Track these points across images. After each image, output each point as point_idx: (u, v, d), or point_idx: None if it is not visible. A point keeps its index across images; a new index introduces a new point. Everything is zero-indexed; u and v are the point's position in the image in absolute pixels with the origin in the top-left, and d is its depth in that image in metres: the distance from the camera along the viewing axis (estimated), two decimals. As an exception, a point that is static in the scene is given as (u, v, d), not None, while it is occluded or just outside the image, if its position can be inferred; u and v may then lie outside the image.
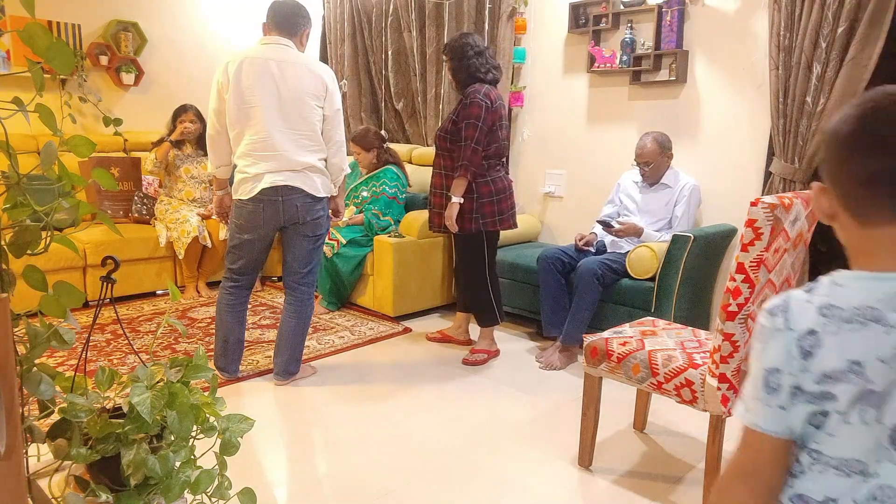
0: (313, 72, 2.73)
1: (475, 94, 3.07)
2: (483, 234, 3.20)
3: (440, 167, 3.22)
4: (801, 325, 0.82)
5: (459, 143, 3.07)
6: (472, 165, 3.06)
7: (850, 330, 0.79)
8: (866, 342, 0.78)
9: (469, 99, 3.07)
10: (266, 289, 4.56)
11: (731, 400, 1.94)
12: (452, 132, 3.12)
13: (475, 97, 3.06)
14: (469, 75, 3.15)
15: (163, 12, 4.96)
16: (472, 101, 3.05)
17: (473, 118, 3.04)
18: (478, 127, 3.04)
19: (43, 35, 0.96)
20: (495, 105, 3.11)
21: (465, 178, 3.08)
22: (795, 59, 2.98)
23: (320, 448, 2.46)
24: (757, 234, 1.80)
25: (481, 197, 3.14)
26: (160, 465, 1.15)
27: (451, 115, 3.17)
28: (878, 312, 0.78)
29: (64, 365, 3.04)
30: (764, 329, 0.87)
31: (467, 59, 3.14)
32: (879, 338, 0.78)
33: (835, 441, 0.82)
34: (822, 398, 0.81)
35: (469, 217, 3.14)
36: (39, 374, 1.09)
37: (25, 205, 1.04)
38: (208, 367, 1.30)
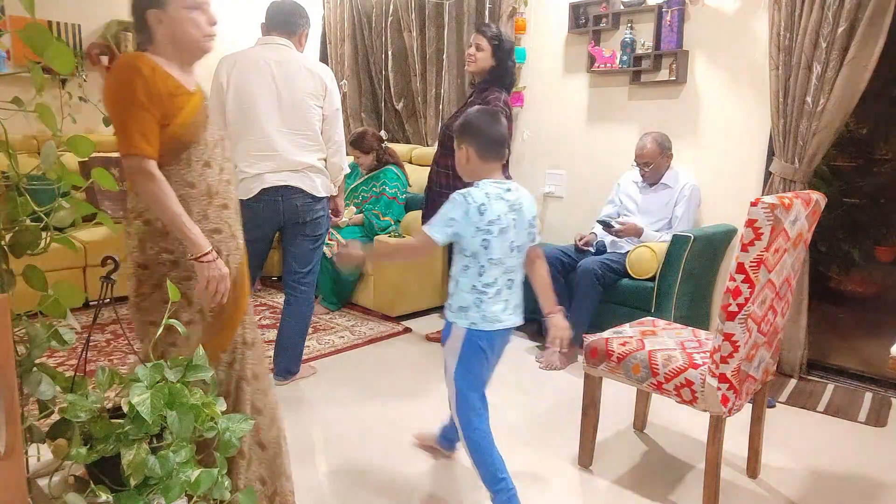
0: (312, 72, 2.73)
1: (496, 101, 3.04)
2: None
3: (446, 167, 3.18)
4: (477, 200, 1.86)
5: None
6: None
7: (493, 201, 1.87)
8: (499, 207, 1.87)
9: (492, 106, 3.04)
10: (266, 289, 4.56)
11: (731, 400, 1.94)
12: None
13: (496, 104, 3.04)
14: (506, 73, 3.12)
15: (163, 12, 4.96)
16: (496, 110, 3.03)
17: None
18: None
19: (43, 35, 0.96)
20: (511, 112, 3.13)
21: None
22: (795, 59, 2.98)
23: (320, 448, 2.46)
24: (757, 234, 1.80)
25: None
26: (160, 465, 1.15)
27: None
28: (499, 194, 1.89)
29: (64, 365, 3.04)
30: (455, 200, 1.88)
31: (511, 60, 3.13)
32: (501, 204, 1.88)
33: (493, 250, 1.88)
34: (488, 231, 1.87)
35: None
36: (39, 374, 1.09)
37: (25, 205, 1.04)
38: (208, 367, 1.30)
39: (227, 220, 1.70)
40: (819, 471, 2.34)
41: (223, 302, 1.66)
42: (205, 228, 1.62)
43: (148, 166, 1.55)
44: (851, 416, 2.78)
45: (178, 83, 1.61)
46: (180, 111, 1.59)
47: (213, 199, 1.66)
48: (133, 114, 1.54)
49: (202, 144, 1.64)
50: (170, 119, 1.58)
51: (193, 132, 1.62)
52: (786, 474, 2.31)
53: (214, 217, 1.67)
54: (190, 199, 1.61)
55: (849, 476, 2.32)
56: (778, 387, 3.03)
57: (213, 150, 1.67)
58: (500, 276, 1.91)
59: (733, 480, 2.26)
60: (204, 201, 1.64)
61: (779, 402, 2.90)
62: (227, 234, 1.71)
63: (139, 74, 1.54)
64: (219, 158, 1.68)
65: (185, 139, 1.60)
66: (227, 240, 1.70)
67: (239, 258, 1.76)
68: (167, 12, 1.60)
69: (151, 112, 1.55)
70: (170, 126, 1.58)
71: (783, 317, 2.18)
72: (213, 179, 1.66)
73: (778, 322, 2.14)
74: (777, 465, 2.36)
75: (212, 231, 1.65)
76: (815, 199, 2.06)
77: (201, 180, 1.63)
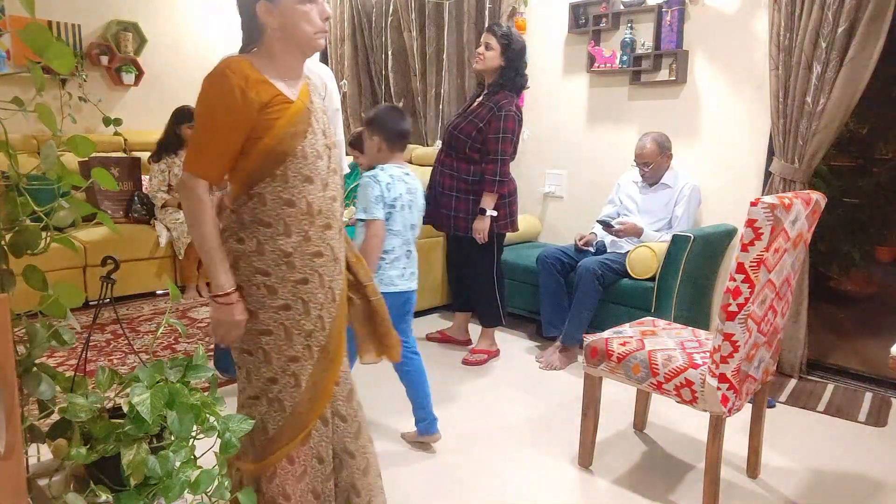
0: (312, 71, 2.73)
1: (509, 105, 3.04)
2: (494, 236, 3.19)
3: (453, 169, 3.17)
4: (384, 181, 2.26)
5: (489, 155, 3.06)
6: (505, 180, 3.07)
7: (396, 182, 2.29)
8: (400, 187, 2.29)
9: (503, 111, 3.03)
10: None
11: (731, 400, 1.94)
12: (478, 140, 3.08)
13: (510, 110, 3.03)
14: (517, 75, 3.11)
15: (163, 12, 4.96)
16: (507, 113, 3.03)
17: (510, 133, 3.04)
18: (513, 142, 3.06)
19: (43, 35, 0.96)
20: (521, 116, 3.13)
21: (499, 193, 3.08)
22: (795, 59, 2.98)
23: (320, 448, 2.46)
24: (757, 234, 1.80)
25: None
26: (160, 465, 1.15)
27: (473, 119, 3.11)
28: (401, 177, 2.31)
29: (64, 365, 3.04)
30: (369, 183, 2.25)
31: (522, 62, 3.12)
32: (402, 185, 2.30)
33: (394, 222, 2.29)
34: (392, 206, 2.28)
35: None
36: (39, 374, 1.09)
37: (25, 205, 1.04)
38: (208, 367, 1.30)
39: (329, 242, 1.53)
40: (819, 471, 2.34)
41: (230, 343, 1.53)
42: (306, 251, 1.49)
43: (194, 184, 1.44)
44: (851, 416, 2.78)
45: (276, 91, 1.46)
46: (274, 123, 1.44)
47: (314, 218, 1.49)
48: (206, 130, 1.44)
49: (301, 157, 1.47)
50: (262, 132, 1.43)
51: (289, 144, 1.46)
52: (786, 474, 2.31)
53: (316, 238, 1.50)
54: (288, 219, 1.46)
55: (849, 476, 2.32)
56: (778, 387, 3.03)
57: (314, 163, 1.49)
58: (398, 246, 2.34)
59: (733, 480, 2.26)
60: (305, 221, 1.48)
61: (779, 402, 2.90)
62: (330, 257, 1.54)
63: (227, 86, 1.40)
64: (322, 172, 1.51)
65: (280, 151, 1.45)
66: (328, 264, 1.54)
67: (342, 282, 1.60)
68: (277, 5, 1.45)
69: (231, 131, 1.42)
70: (263, 139, 1.43)
71: (783, 317, 2.18)
72: (315, 196, 1.49)
73: (778, 322, 2.14)
74: (777, 465, 2.36)
75: (313, 255, 1.50)
76: (815, 199, 2.06)
77: (301, 197, 1.47)
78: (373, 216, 2.24)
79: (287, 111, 1.46)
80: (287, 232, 1.46)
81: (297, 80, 1.54)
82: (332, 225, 1.54)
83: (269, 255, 1.47)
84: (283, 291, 1.48)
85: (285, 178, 1.46)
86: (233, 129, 1.42)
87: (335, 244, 1.56)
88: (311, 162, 1.49)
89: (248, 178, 1.46)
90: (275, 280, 1.48)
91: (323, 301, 1.54)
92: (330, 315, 1.56)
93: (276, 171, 1.45)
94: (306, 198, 1.48)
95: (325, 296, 1.54)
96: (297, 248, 1.48)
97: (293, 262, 1.48)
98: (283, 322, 1.50)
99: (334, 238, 1.56)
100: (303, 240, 1.48)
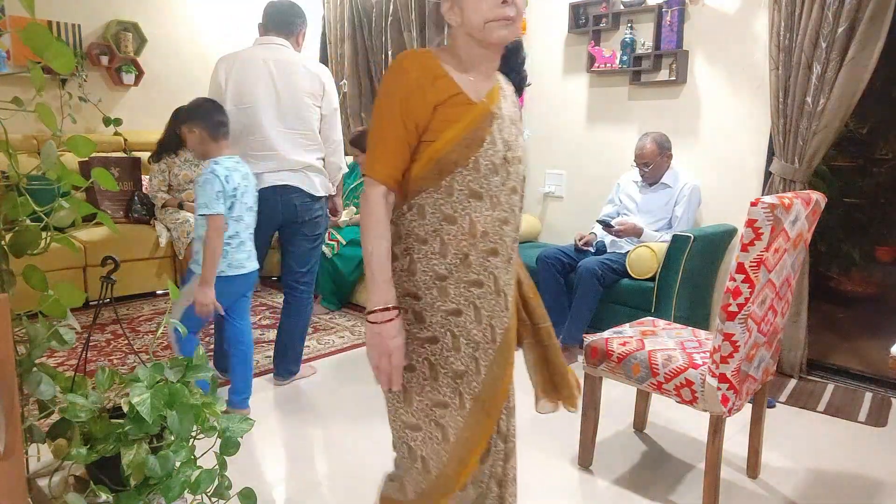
0: (310, 71, 2.73)
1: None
2: None
3: None
4: (222, 174, 2.34)
5: None
6: None
7: (233, 173, 2.38)
8: (237, 177, 2.40)
9: None
10: (266, 289, 4.56)
11: (731, 400, 1.94)
12: None
13: None
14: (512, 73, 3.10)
15: (163, 12, 4.96)
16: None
17: None
18: None
19: (43, 35, 0.96)
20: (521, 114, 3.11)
21: None
22: (795, 59, 2.98)
23: (320, 448, 2.46)
24: (757, 234, 1.80)
25: None
26: (160, 465, 1.15)
27: None
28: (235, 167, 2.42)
29: (64, 365, 3.04)
30: (208, 178, 2.32)
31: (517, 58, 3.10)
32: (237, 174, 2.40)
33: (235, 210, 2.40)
34: (233, 196, 2.37)
35: None
36: (39, 374, 1.09)
37: (25, 205, 1.04)
38: (208, 367, 1.30)
39: (492, 272, 1.31)
40: (819, 471, 2.34)
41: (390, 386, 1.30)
42: (462, 278, 1.28)
43: (368, 188, 1.29)
44: (851, 416, 2.78)
45: (456, 89, 1.27)
46: (450, 126, 1.25)
47: (477, 240, 1.28)
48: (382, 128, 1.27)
49: (472, 169, 1.27)
50: (434, 134, 1.25)
51: (461, 153, 1.26)
52: (786, 474, 2.31)
53: (477, 264, 1.29)
54: (446, 236, 1.27)
55: (849, 476, 2.32)
56: (778, 387, 3.03)
57: (486, 178, 1.28)
58: (242, 230, 2.47)
59: (733, 480, 2.26)
60: (465, 242, 1.27)
61: (779, 402, 2.90)
62: (491, 289, 1.31)
63: (404, 79, 1.25)
64: (494, 189, 1.29)
65: (450, 160, 1.25)
66: (488, 296, 1.31)
67: (506, 321, 1.36)
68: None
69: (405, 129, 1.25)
70: (434, 143, 1.25)
71: (783, 317, 2.18)
72: (482, 215, 1.28)
73: (778, 322, 2.14)
74: (777, 465, 2.36)
75: (470, 283, 1.29)
76: (815, 199, 2.06)
77: (464, 214, 1.27)
78: (214, 211, 2.32)
79: (466, 114, 1.27)
80: (443, 252, 1.27)
81: (486, 81, 1.33)
82: (498, 251, 1.31)
83: (420, 276, 1.29)
84: (431, 320, 1.29)
85: (450, 190, 1.26)
86: (406, 126, 1.25)
87: (500, 274, 1.32)
88: (483, 176, 1.28)
89: (410, 186, 1.29)
90: (424, 306, 1.29)
91: (479, 340, 1.31)
92: (487, 358, 1.32)
93: (442, 181, 1.26)
94: (470, 216, 1.27)
95: (483, 334, 1.31)
96: (454, 272, 1.28)
97: (447, 289, 1.28)
98: (428, 357, 1.30)
99: (500, 267, 1.32)
100: (461, 263, 1.28)
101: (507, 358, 1.38)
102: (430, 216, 1.27)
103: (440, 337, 1.29)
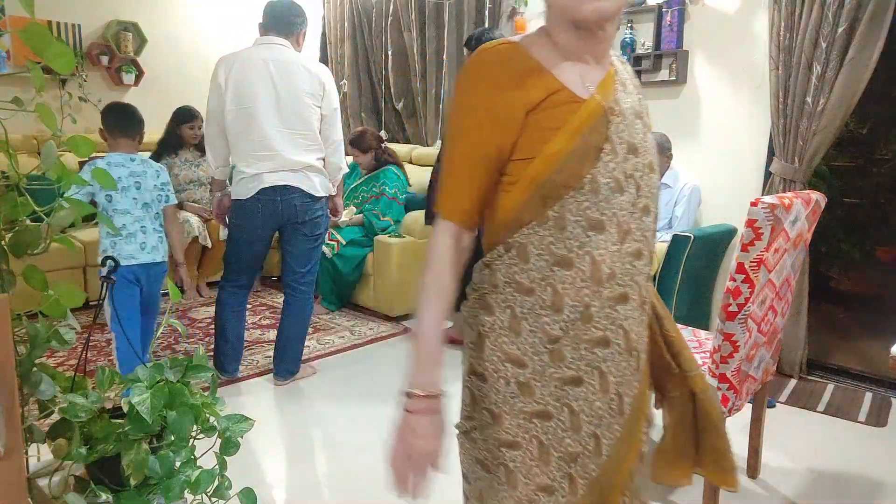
0: (310, 71, 2.73)
1: None
2: None
3: None
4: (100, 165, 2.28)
5: None
6: None
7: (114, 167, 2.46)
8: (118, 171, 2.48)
9: None
10: (266, 289, 4.56)
11: (731, 400, 1.94)
12: None
13: None
14: None
15: (163, 12, 4.96)
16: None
17: None
18: None
19: (43, 35, 0.96)
20: None
21: None
22: (795, 59, 2.98)
23: (320, 448, 2.46)
24: (757, 234, 1.80)
25: None
26: (160, 465, 1.15)
27: None
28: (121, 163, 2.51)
29: (64, 365, 3.04)
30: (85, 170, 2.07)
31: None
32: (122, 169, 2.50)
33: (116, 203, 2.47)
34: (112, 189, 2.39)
35: None
36: (39, 374, 1.09)
37: (25, 205, 1.04)
38: (208, 367, 1.30)
39: (622, 324, 1.00)
40: (819, 471, 2.34)
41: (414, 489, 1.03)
42: (582, 336, 0.98)
43: (437, 226, 1.01)
44: (851, 416, 2.78)
45: (556, 84, 0.95)
46: (552, 135, 0.94)
47: (602, 285, 0.97)
48: (455, 148, 0.99)
49: (589, 191, 0.95)
50: (531, 149, 0.95)
51: (572, 171, 0.95)
52: (786, 474, 2.31)
53: (602, 316, 0.98)
54: (559, 284, 0.96)
55: (849, 476, 2.32)
56: (778, 387, 3.03)
57: (609, 200, 0.96)
58: (129, 223, 2.52)
59: (733, 480, 2.26)
60: (585, 289, 0.97)
61: (779, 402, 2.90)
62: (620, 347, 1.01)
63: (482, 78, 0.96)
64: (621, 213, 0.97)
65: (558, 183, 0.94)
66: (618, 357, 1.01)
67: (636, 385, 1.06)
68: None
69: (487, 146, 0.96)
70: (532, 162, 0.95)
71: (783, 317, 2.18)
72: (607, 252, 0.96)
73: (778, 322, 2.14)
74: (777, 465, 2.36)
75: (593, 342, 0.98)
76: (815, 199, 2.06)
77: (583, 254, 0.96)
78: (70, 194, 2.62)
79: (572, 117, 0.95)
80: (556, 304, 0.96)
81: (597, 68, 1.00)
82: (628, 296, 0.99)
83: (526, 337, 0.99)
84: (542, 392, 0.99)
85: (560, 222, 0.95)
86: (487, 144, 0.95)
87: (631, 326, 1.01)
88: (605, 198, 0.96)
89: (505, 220, 0.99)
90: (532, 374, 0.99)
91: (603, 413, 1.02)
92: (611, 435, 1.03)
93: (550, 210, 0.95)
94: (591, 254, 0.96)
95: (608, 406, 1.02)
96: (570, 329, 0.97)
97: (562, 352, 0.98)
98: (537, 435, 1.01)
99: (631, 317, 1.01)
100: (580, 319, 0.97)
101: (636, 433, 1.09)
102: (535, 259, 0.97)
103: (554, 412, 1.00)
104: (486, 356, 1.02)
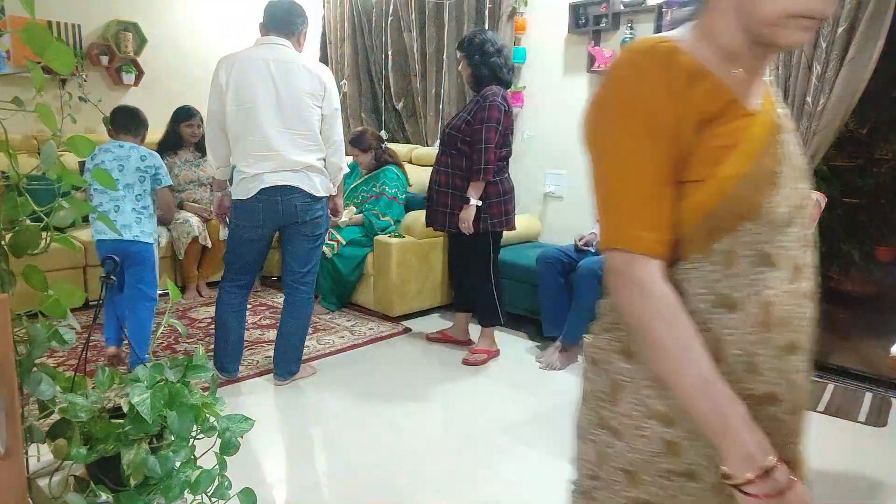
0: (311, 71, 2.73)
1: (494, 96, 3.05)
2: (489, 234, 3.20)
3: (448, 165, 3.19)
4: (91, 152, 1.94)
5: (475, 145, 3.07)
6: (491, 168, 3.07)
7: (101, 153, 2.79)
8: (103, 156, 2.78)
9: (488, 101, 3.04)
10: (266, 289, 4.56)
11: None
12: (467, 132, 3.10)
13: (494, 100, 3.04)
14: (492, 73, 3.13)
15: (163, 12, 4.96)
16: (492, 103, 3.04)
17: (494, 121, 3.03)
18: (497, 130, 3.05)
19: (43, 35, 0.96)
20: (510, 108, 3.13)
21: (483, 181, 3.08)
22: (795, 59, 2.98)
23: (320, 448, 2.46)
24: (757, 234, 1.80)
25: (489, 197, 3.14)
26: (160, 465, 1.15)
27: (464, 115, 3.15)
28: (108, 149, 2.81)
29: (64, 365, 3.04)
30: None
31: (489, 55, 3.12)
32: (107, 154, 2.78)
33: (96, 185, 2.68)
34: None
35: (477, 217, 3.13)
36: (39, 374, 1.09)
37: (25, 205, 1.04)
38: (208, 367, 1.30)
39: (791, 377, 0.84)
40: (819, 471, 2.34)
41: None
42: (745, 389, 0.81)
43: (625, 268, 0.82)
44: (851, 416, 2.78)
45: (729, 94, 0.82)
46: (727, 153, 0.80)
47: (772, 331, 0.82)
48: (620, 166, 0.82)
49: (764, 222, 0.81)
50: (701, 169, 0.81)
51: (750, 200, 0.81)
52: (786, 474, 2.31)
53: (769, 368, 0.82)
54: (722, 330, 0.81)
55: (849, 476, 2.32)
56: (778, 387, 3.03)
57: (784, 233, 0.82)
58: (105, 202, 2.73)
59: (733, 480, 2.26)
60: (751, 335, 0.81)
61: (779, 402, 2.90)
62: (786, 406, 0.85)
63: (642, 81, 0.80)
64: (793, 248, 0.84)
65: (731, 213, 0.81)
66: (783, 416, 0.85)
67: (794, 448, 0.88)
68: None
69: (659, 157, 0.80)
70: (704, 184, 0.81)
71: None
72: (779, 292, 0.82)
73: (778, 322, 2.13)
74: (777, 465, 2.36)
75: (758, 399, 0.82)
76: (815, 198, 2.06)
77: (752, 295, 0.81)
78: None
79: (746, 134, 0.82)
80: (717, 354, 0.80)
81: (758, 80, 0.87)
82: (797, 345, 0.84)
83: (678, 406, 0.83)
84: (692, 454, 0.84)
85: (729, 257, 0.81)
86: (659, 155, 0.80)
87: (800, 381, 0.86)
88: (779, 230, 0.82)
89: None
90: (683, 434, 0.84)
91: None
92: None
93: (716, 244, 0.81)
94: (761, 294, 0.81)
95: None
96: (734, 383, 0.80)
97: None
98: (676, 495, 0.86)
99: (800, 370, 0.86)
100: (744, 370, 0.82)
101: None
102: (693, 299, 0.82)
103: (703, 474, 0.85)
104: (623, 410, 0.87)
